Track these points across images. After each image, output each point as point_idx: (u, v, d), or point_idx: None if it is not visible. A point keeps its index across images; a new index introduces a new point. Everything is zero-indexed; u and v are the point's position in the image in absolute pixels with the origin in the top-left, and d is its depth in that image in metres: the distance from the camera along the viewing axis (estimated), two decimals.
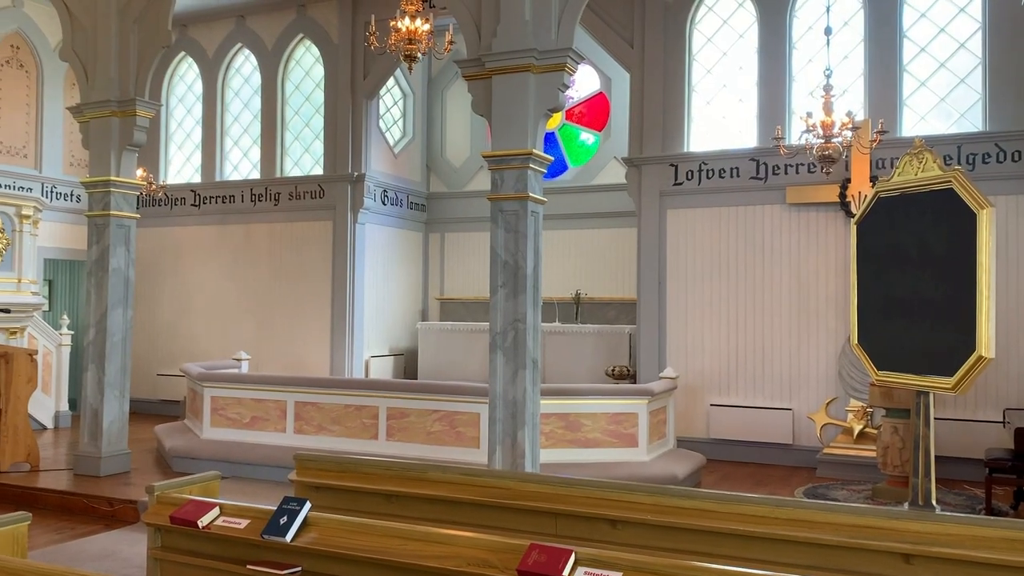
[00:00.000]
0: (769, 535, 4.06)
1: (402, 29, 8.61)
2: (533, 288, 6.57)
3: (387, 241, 12.74)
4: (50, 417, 11.40)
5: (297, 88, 12.88)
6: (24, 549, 3.67)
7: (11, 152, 12.45)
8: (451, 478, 4.83)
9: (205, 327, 13.01)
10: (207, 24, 13.23)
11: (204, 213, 13.19)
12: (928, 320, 5.50)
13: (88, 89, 8.70)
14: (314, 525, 3.79)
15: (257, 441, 8.69)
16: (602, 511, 4.34)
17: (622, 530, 4.35)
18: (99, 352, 8.51)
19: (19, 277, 10.01)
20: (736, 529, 4.12)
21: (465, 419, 7.87)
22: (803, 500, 4.17)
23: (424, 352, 12.42)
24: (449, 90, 13.58)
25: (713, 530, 4.16)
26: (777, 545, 4.06)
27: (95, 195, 8.63)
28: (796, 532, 4.02)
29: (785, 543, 4.04)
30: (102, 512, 7.48)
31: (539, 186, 6.74)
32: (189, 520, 3.90)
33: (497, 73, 6.62)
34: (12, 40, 12.50)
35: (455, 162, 13.57)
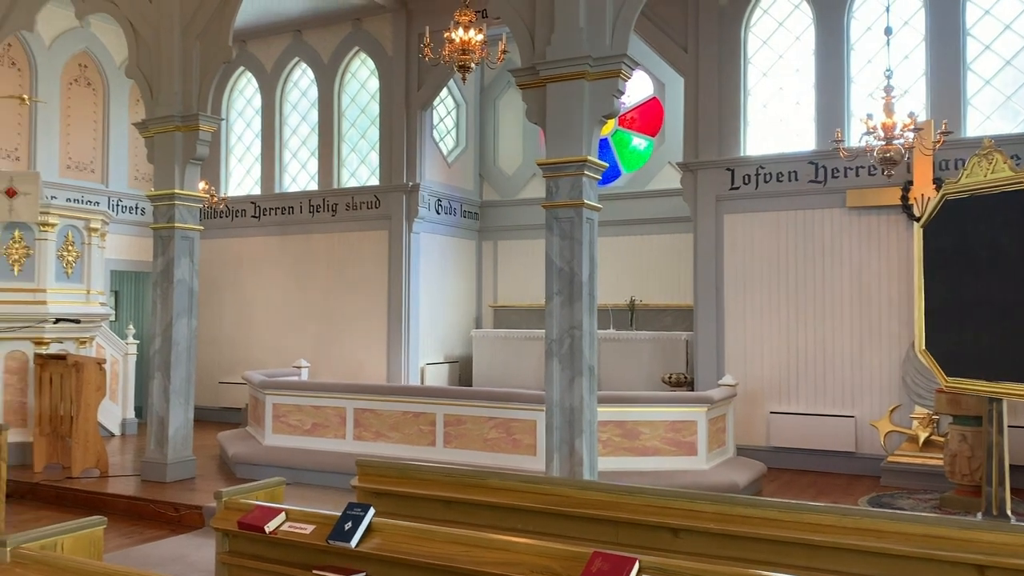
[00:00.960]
0: (835, 544, 3.99)
1: (456, 40, 8.70)
2: (589, 295, 6.56)
3: (441, 249, 12.84)
4: (117, 424, 11.73)
5: (353, 100, 13.08)
6: (100, 552, 3.78)
7: (80, 167, 12.88)
8: (510, 485, 4.84)
9: (265, 336, 13.27)
10: (265, 39, 13.52)
11: (264, 224, 13.46)
12: (1001, 325, 5.35)
13: (153, 105, 8.96)
14: (378, 531, 3.83)
15: (317, 447, 8.82)
16: (664, 519, 4.31)
17: (684, 539, 4.30)
18: (165, 361, 8.73)
19: (88, 288, 10.32)
20: (801, 538, 4.05)
21: (521, 426, 7.88)
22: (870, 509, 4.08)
23: (479, 359, 12.48)
24: (501, 99, 13.66)
25: (777, 539, 4.09)
26: (844, 555, 3.98)
27: (160, 208, 8.87)
28: (863, 541, 3.93)
29: (852, 553, 3.95)
30: (168, 517, 7.65)
31: (594, 193, 6.73)
32: (256, 525, 3.97)
33: (551, 81, 6.64)
34: (80, 59, 12.93)
35: (507, 170, 13.63)
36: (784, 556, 4.10)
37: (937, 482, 8.26)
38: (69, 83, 12.77)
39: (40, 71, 12.29)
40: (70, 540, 3.63)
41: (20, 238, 9.79)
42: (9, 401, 9.69)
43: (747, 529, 4.17)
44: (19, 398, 9.74)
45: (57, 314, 9.58)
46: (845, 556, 3.97)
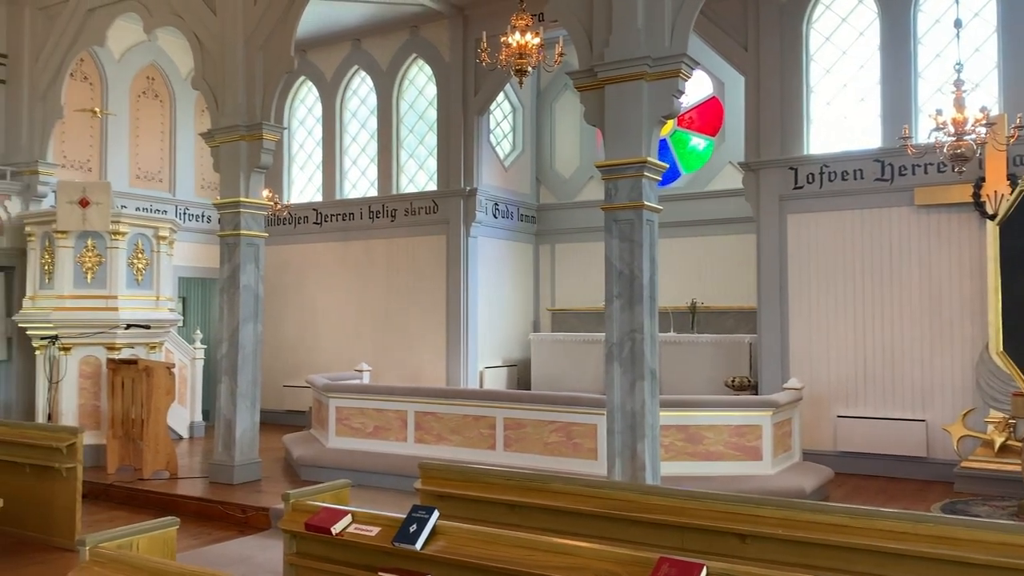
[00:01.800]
0: (908, 552, 3.88)
1: (513, 44, 8.72)
2: (650, 298, 6.49)
3: (499, 253, 12.88)
4: (185, 427, 12.03)
5: (411, 107, 13.21)
6: (173, 551, 3.88)
7: (148, 177, 13.26)
8: (573, 489, 4.82)
9: (327, 340, 13.47)
10: (325, 48, 13.75)
11: (325, 231, 13.67)
12: None
13: (218, 115, 9.17)
14: (442, 533, 3.85)
15: (380, 450, 8.91)
16: (730, 525, 4.24)
17: (751, 544, 4.23)
18: (231, 365, 8.92)
19: (157, 295, 10.60)
20: (872, 545, 3.95)
21: (582, 430, 7.84)
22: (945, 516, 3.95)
23: (537, 363, 12.47)
24: (558, 102, 13.65)
25: (847, 546, 4.00)
26: (917, 563, 3.87)
27: (226, 216, 9.07)
28: (938, 549, 3.82)
29: (925, 561, 3.84)
30: (236, 519, 7.81)
31: (654, 194, 6.67)
32: (323, 527, 4.03)
33: (610, 82, 6.61)
34: (148, 72, 13.32)
35: (564, 173, 13.60)
36: (854, 563, 4.00)
37: (1014, 488, 7.95)
38: (138, 95, 13.17)
39: (110, 85, 12.70)
40: (145, 540, 3.73)
41: (93, 246, 10.12)
42: (83, 404, 10.01)
43: (816, 535, 4.08)
44: (93, 401, 10.06)
45: (128, 320, 9.88)
46: (918, 564, 3.86)
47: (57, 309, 9.94)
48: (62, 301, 9.98)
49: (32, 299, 10.35)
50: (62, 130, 11.83)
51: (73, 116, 11.83)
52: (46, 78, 11.26)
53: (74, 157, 12.27)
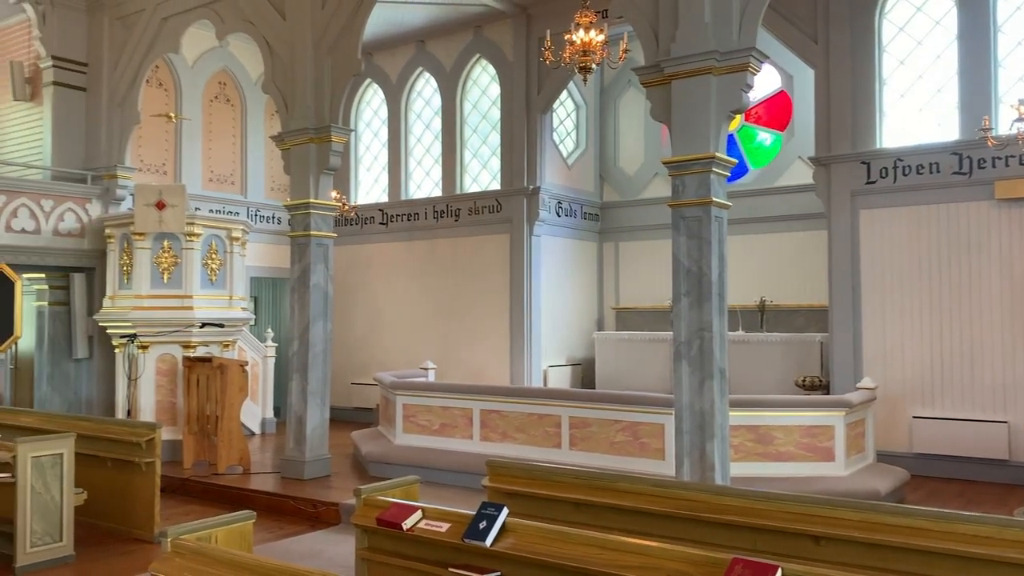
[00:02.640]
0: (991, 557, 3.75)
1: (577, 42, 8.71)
2: (719, 296, 6.40)
3: (562, 252, 12.86)
4: (258, 423, 12.31)
5: (474, 107, 13.28)
6: (250, 544, 3.98)
7: (220, 180, 13.62)
8: (642, 489, 4.79)
9: (393, 338, 13.64)
10: (390, 51, 13.92)
11: (391, 230, 13.84)
12: None
13: (288, 119, 9.36)
14: (512, 531, 3.86)
15: (446, 447, 8.98)
16: (804, 527, 4.16)
17: (826, 547, 4.15)
18: (302, 363, 9.10)
19: (230, 294, 10.89)
20: (953, 549, 3.83)
21: (649, 430, 7.77)
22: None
23: (602, 362, 12.41)
24: (622, 99, 13.56)
25: (927, 549, 3.89)
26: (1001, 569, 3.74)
27: (296, 217, 9.26)
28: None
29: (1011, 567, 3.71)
30: (307, 514, 7.96)
31: (722, 190, 6.57)
32: (394, 522, 4.08)
33: (676, 78, 6.53)
34: (220, 77, 13.68)
35: (628, 170, 13.51)
36: (933, 568, 3.89)
37: None
38: (210, 100, 13.53)
39: (184, 90, 13.08)
40: (223, 533, 3.83)
41: (169, 247, 10.44)
42: (160, 401, 10.34)
43: (894, 538, 3.98)
44: (169, 398, 10.38)
45: (203, 319, 10.17)
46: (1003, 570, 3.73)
47: (135, 308, 10.28)
48: (140, 301, 10.32)
49: (112, 299, 10.73)
50: (139, 135, 12.23)
51: (149, 121, 12.22)
52: (124, 85, 11.65)
53: (150, 161, 12.67)
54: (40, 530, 6.32)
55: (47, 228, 11.07)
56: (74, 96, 11.93)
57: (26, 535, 6.24)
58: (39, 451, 6.34)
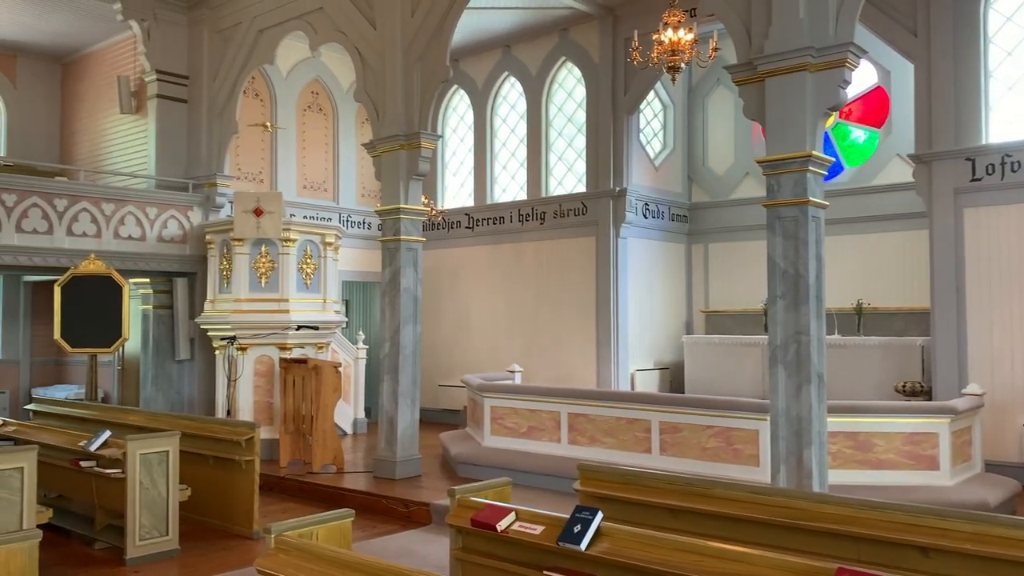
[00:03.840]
0: None
1: (665, 41, 8.63)
2: (816, 298, 6.22)
3: (649, 254, 12.72)
4: (350, 423, 12.58)
5: (560, 110, 13.28)
6: (349, 542, 4.06)
7: (314, 187, 14.00)
8: (738, 495, 4.69)
9: (480, 340, 13.75)
10: (476, 56, 14.05)
11: (477, 234, 13.96)
12: None
13: (379, 126, 9.55)
14: (607, 535, 3.84)
15: (534, 450, 9.00)
16: (911, 537, 4.00)
17: (934, 559, 3.98)
18: (393, 364, 9.26)
19: (324, 298, 11.20)
20: None
21: (743, 436, 7.61)
22: None
23: (691, 366, 12.22)
24: (710, 97, 13.35)
25: None
26: None
27: (387, 222, 9.43)
28: None
29: None
30: (398, 513, 8.09)
31: (819, 189, 6.39)
32: (488, 524, 4.10)
33: (770, 75, 6.39)
34: (312, 87, 14.06)
35: (718, 170, 13.28)
36: None
37: None
38: (303, 109, 13.92)
39: (279, 100, 13.49)
40: (323, 530, 3.93)
41: (266, 253, 10.79)
42: (258, 401, 10.69)
43: (1009, 552, 3.79)
44: (266, 398, 10.72)
45: (299, 321, 10.47)
46: None
47: (234, 311, 10.66)
48: (239, 304, 10.70)
49: (212, 302, 11.15)
50: (237, 144, 12.67)
51: (246, 131, 12.65)
52: (222, 96, 12.10)
53: (247, 169, 13.11)
54: (148, 524, 6.60)
55: (152, 235, 11.58)
56: (176, 108, 12.45)
57: (135, 529, 6.53)
58: (147, 448, 6.63)
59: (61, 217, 10.75)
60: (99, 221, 11.08)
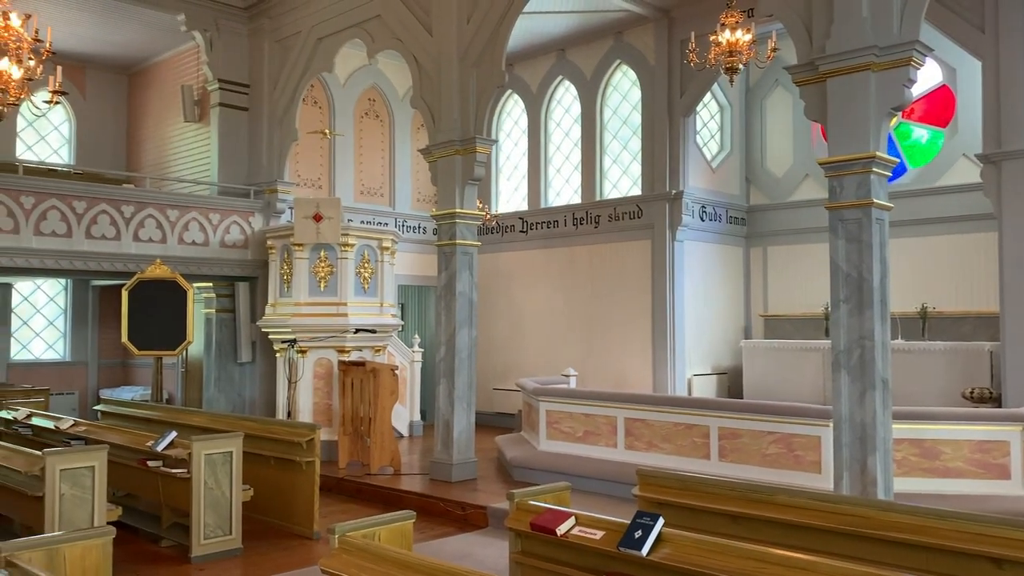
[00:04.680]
0: None
1: (723, 42, 8.54)
2: (880, 302, 6.10)
3: (706, 257, 12.59)
4: (406, 426, 12.70)
5: (615, 113, 13.23)
6: (410, 543, 4.10)
7: (370, 192, 14.18)
8: (801, 503, 4.61)
9: (534, 344, 13.75)
10: (531, 61, 14.09)
11: (531, 238, 13.98)
12: None
13: (435, 132, 9.64)
14: (668, 541, 3.81)
15: (590, 455, 8.96)
16: (983, 548, 3.89)
17: (1008, 571, 3.86)
18: (449, 368, 9.32)
19: (381, 301, 11.35)
20: None
21: (804, 442, 7.48)
22: None
23: (749, 371, 12.04)
24: (768, 99, 13.16)
25: None
26: None
27: (443, 226, 9.51)
28: None
29: None
30: (455, 516, 8.13)
31: (883, 191, 6.27)
32: (548, 528, 4.10)
33: (832, 75, 6.29)
34: (369, 94, 14.25)
35: (777, 172, 13.08)
36: None
37: None
38: (361, 116, 14.12)
39: (337, 107, 13.70)
40: (385, 531, 3.97)
41: (325, 257, 10.97)
42: (317, 403, 10.86)
43: None
44: (325, 400, 10.88)
45: (357, 325, 10.62)
46: None
47: (295, 315, 10.86)
48: (299, 308, 10.90)
49: (273, 306, 11.37)
50: (296, 151, 12.91)
51: (305, 138, 12.88)
52: (282, 104, 12.34)
53: (307, 176, 13.34)
54: (212, 523, 6.75)
55: (215, 240, 11.86)
56: (238, 116, 12.74)
57: (200, 527, 6.69)
58: (212, 449, 6.78)
59: (128, 223, 11.08)
60: (164, 227, 11.39)
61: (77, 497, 5.84)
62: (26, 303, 14.26)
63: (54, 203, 10.46)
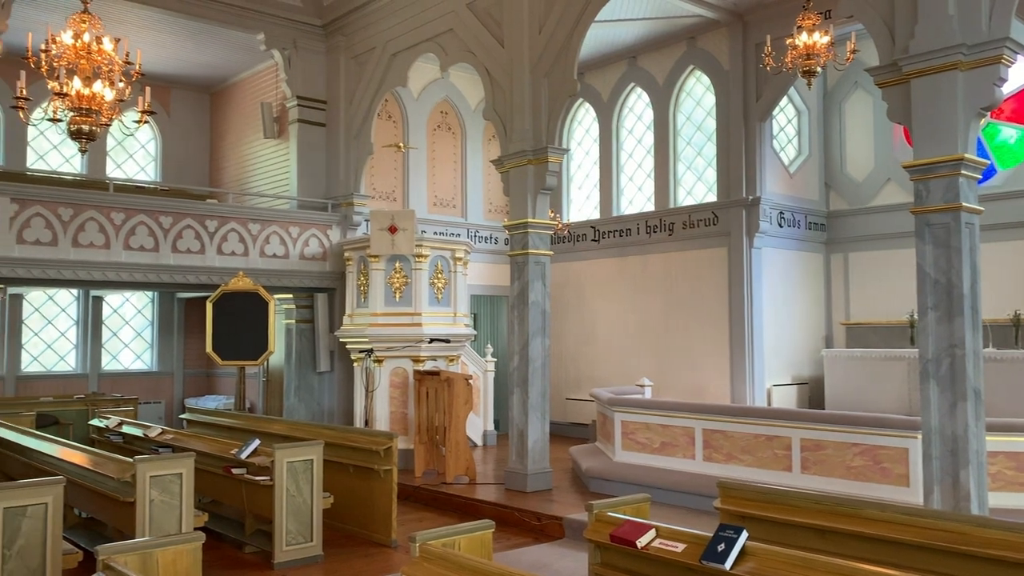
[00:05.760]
0: None
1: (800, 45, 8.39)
2: (971, 309, 5.87)
3: (785, 264, 12.31)
4: (479, 435, 12.75)
5: (688, 119, 13.08)
6: (490, 552, 4.11)
7: (443, 204, 14.33)
8: (891, 517, 4.46)
9: (607, 354, 13.66)
10: (601, 69, 14.05)
11: (603, 247, 13.91)
12: None
13: (507, 142, 9.68)
14: (752, 555, 3.73)
15: (667, 466, 8.85)
16: None
17: None
18: (523, 377, 9.33)
19: (454, 311, 11.46)
20: None
21: (891, 454, 7.23)
22: None
23: (831, 381, 11.71)
24: (847, 101, 12.83)
25: None
26: None
27: (515, 236, 9.54)
28: None
29: None
30: (531, 526, 8.12)
31: (973, 194, 6.04)
32: (628, 540, 4.06)
33: (917, 76, 6.10)
34: (441, 107, 14.42)
35: (857, 176, 12.73)
36: None
37: None
38: (433, 129, 14.30)
39: (410, 121, 13.91)
40: (465, 540, 3.99)
41: (400, 268, 11.13)
42: (393, 412, 11.00)
43: None
44: (401, 409, 11.01)
45: (431, 335, 10.73)
46: None
47: (371, 325, 11.04)
48: (375, 318, 11.08)
49: (350, 317, 11.58)
50: (371, 165, 13.14)
51: (379, 151, 13.10)
52: (358, 119, 12.59)
53: (381, 188, 13.57)
54: (294, 530, 6.88)
55: (294, 253, 12.16)
56: (315, 132, 13.05)
57: (283, 534, 6.82)
58: (293, 456, 6.92)
59: (212, 237, 11.44)
60: (246, 240, 11.73)
61: (166, 503, 6.03)
62: (116, 315, 14.85)
63: (142, 219, 10.88)
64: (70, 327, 14.31)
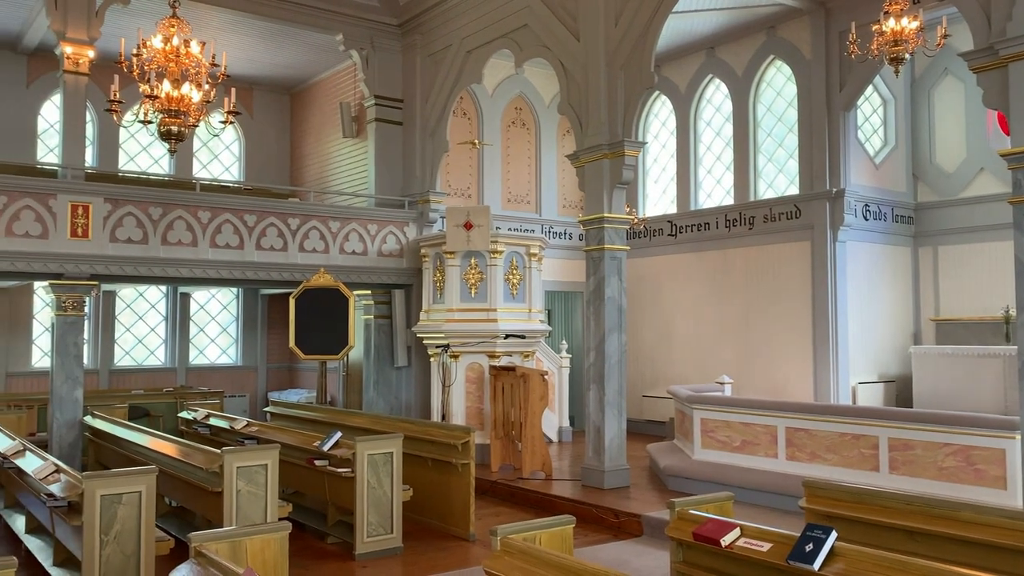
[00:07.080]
0: None
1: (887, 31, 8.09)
2: None
3: (870, 258, 11.92)
4: (555, 431, 12.74)
5: (768, 110, 12.79)
6: (570, 548, 4.09)
7: (517, 200, 14.35)
8: (989, 520, 4.27)
9: (685, 351, 13.47)
10: (678, 61, 13.85)
11: (680, 242, 13.72)
12: None
13: (582, 136, 9.63)
14: (841, 555, 3.62)
15: (748, 465, 8.66)
16: None
17: None
18: (599, 373, 9.27)
19: (529, 307, 11.47)
20: None
21: (986, 455, 6.92)
22: None
23: (920, 379, 11.29)
24: (936, 89, 12.34)
25: None
26: None
27: (591, 231, 9.48)
28: None
29: None
30: (608, 523, 8.06)
31: None
32: (712, 538, 3.99)
33: (1015, 59, 5.82)
34: (516, 103, 14.44)
35: (947, 167, 12.23)
36: None
37: None
38: (508, 125, 14.32)
39: (485, 118, 13.96)
40: (546, 535, 3.98)
41: (475, 264, 11.19)
42: (469, 407, 11.07)
43: None
44: (477, 404, 11.08)
45: (506, 330, 10.75)
46: None
47: (447, 321, 11.14)
48: (451, 314, 11.17)
49: (427, 312, 11.71)
50: (446, 162, 13.24)
51: (454, 148, 13.19)
52: (434, 117, 12.70)
53: (456, 185, 13.67)
54: (375, 522, 6.99)
55: (373, 250, 12.35)
56: (392, 130, 13.22)
57: (364, 526, 6.94)
58: (374, 449, 7.03)
59: (294, 235, 11.71)
60: (327, 238, 11.97)
61: (252, 493, 6.20)
62: (202, 311, 15.34)
63: (227, 217, 11.19)
64: (159, 322, 14.85)
